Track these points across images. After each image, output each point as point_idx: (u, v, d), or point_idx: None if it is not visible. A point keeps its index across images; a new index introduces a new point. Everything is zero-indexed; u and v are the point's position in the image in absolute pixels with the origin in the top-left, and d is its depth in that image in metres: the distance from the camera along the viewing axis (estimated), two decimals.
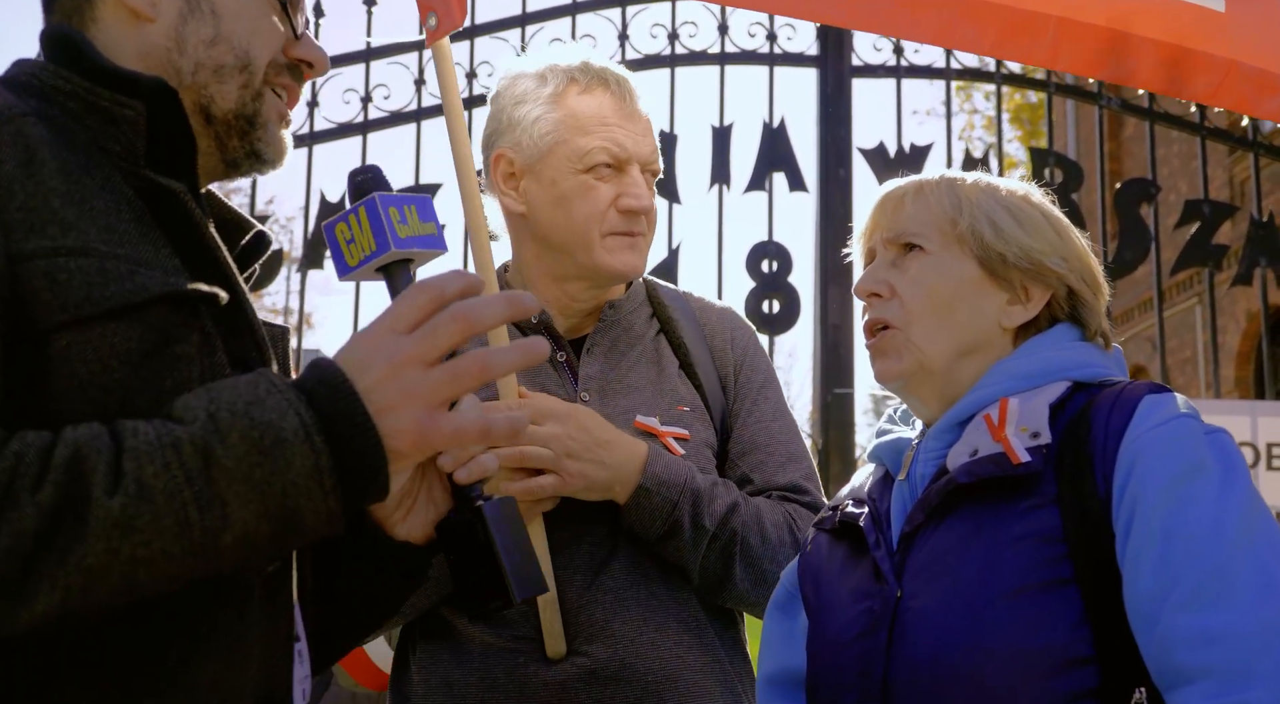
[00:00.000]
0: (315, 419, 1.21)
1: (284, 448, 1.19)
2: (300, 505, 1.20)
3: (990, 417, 1.67)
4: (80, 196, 1.29)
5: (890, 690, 1.62)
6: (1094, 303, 1.79)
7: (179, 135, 1.43)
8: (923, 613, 1.62)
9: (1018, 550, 1.57)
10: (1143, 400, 1.61)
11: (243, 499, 1.18)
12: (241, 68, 1.49)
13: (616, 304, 2.26)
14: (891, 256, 1.81)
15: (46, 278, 1.23)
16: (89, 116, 1.38)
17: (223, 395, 1.21)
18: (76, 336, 1.23)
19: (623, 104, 2.17)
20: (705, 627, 2.12)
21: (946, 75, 4.89)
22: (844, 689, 1.68)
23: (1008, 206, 1.79)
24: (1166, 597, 1.48)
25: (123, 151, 1.38)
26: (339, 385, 1.24)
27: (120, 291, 1.26)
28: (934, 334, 1.75)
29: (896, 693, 1.61)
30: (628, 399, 2.18)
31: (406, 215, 1.51)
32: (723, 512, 2.08)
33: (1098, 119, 4.98)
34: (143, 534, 1.14)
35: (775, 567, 2.09)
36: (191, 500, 1.16)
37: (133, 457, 1.16)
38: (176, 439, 1.17)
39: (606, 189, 2.14)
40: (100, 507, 1.13)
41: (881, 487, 1.84)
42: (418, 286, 1.32)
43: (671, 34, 4.69)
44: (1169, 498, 1.52)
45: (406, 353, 1.26)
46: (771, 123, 4.67)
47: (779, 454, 2.24)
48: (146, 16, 1.46)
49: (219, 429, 1.18)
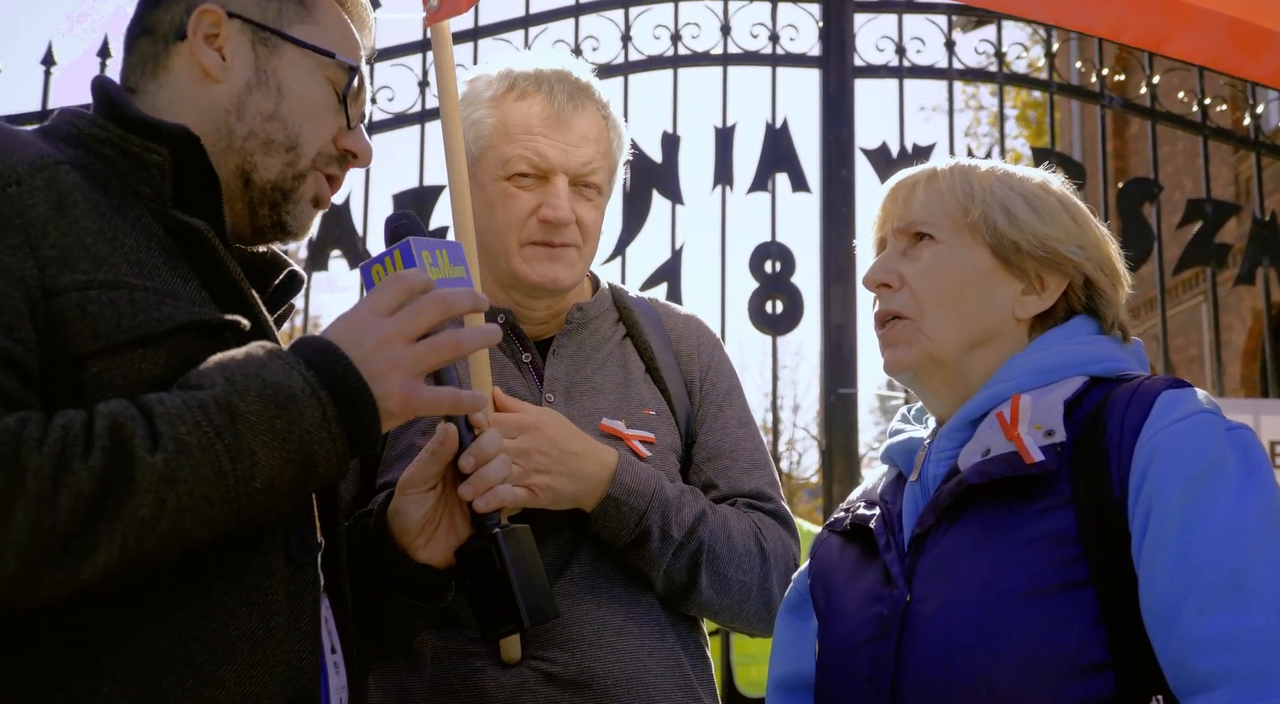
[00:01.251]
0: (316, 378, 1.37)
1: (295, 402, 1.34)
2: (314, 451, 1.36)
3: (1003, 414, 1.63)
4: (112, 234, 1.40)
5: (899, 697, 1.58)
6: (1112, 294, 1.75)
7: (203, 178, 1.51)
8: (932, 617, 1.59)
9: (1031, 552, 1.53)
10: (1161, 395, 1.56)
11: (268, 448, 1.33)
12: (289, 147, 1.60)
13: (583, 307, 2.24)
14: (902, 246, 1.77)
15: (79, 309, 1.34)
16: (122, 161, 1.48)
17: (233, 362, 1.36)
18: (107, 363, 1.35)
19: (556, 112, 2.13)
20: (667, 631, 2.10)
21: (949, 76, 4.88)
22: (852, 696, 1.65)
23: (1023, 194, 1.74)
24: (1184, 598, 1.43)
25: (152, 193, 1.48)
26: (332, 352, 1.41)
27: (147, 320, 1.37)
28: (945, 324, 1.71)
29: (905, 700, 1.57)
30: (593, 401, 2.16)
31: (438, 259, 1.63)
32: (690, 521, 2.06)
33: (1100, 118, 4.98)
34: (185, 484, 1.28)
35: (740, 575, 2.09)
36: (224, 452, 1.30)
37: (165, 419, 1.29)
38: (201, 401, 1.31)
39: (527, 198, 2.12)
40: (145, 463, 1.26)
41: (894, 488, 1.80)
42: (393, 279, 1.50)
43: (674, 35, 4.68)
44: (1187, 496, 1.47)
45: (391, 330, 1.44)
46: (774, 123, 4.66)
47: (743, 460, 2.23)
48: (215, 78, 1.58)
49: (237, 389, 1.33)
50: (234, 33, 1.59)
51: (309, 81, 1.62)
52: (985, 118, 18.36)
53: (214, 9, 1.58)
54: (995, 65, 4.95)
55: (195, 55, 1.58)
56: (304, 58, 1.62)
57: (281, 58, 1.61)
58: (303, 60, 1.62)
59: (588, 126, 2.16)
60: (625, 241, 4.56)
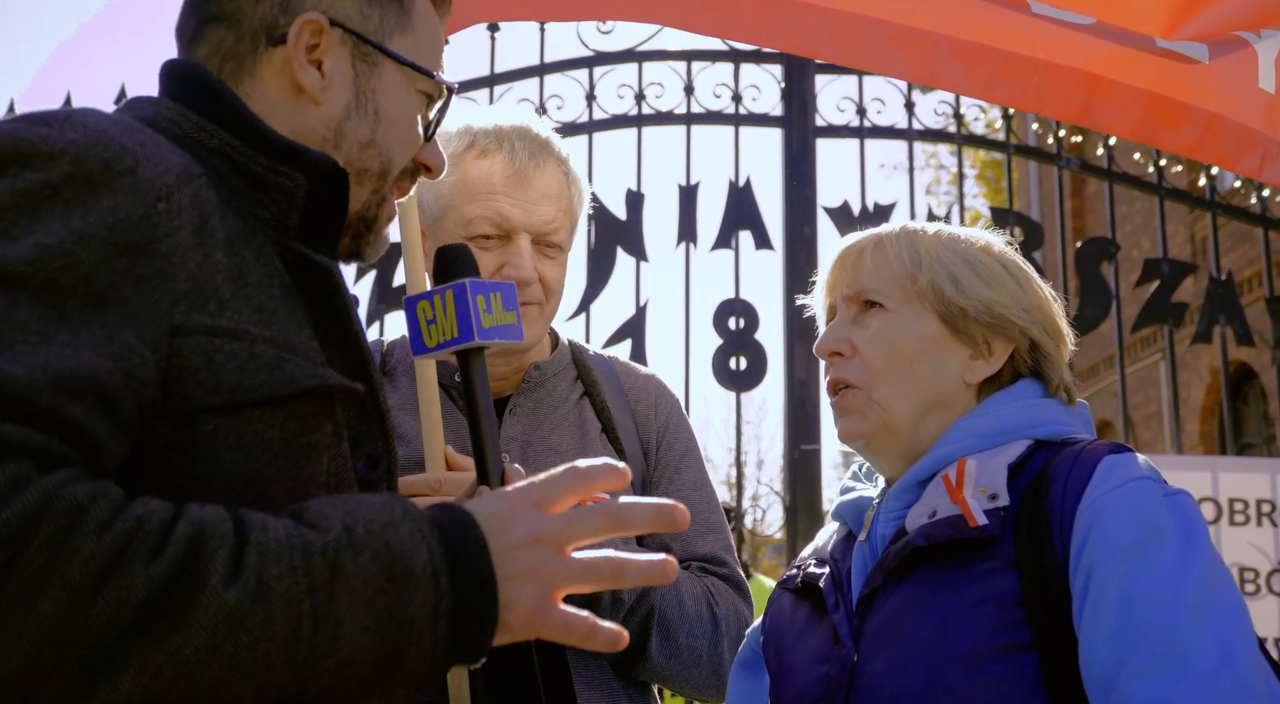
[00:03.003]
0: (445, 558, 1.13)
1: (410, 580, 1.11)
2: (408, 644, 1.12)
3: (949, 477, 1.64)
4: (239, 272, 1.24)
5: None
6: (1056, 356, 1.76)
7: (335, 213, 1.37)
8: (878, 678, 1.58)
9: (975, 614, 1.53)
10: (1102, 461, 1.56)
11: (360, 624, 1.09)
12: (380, 175, 1.45)
13: (541, 366, 2.22)
14: (852, 313, 1.78)
15: (205, 356, 1.18)
16: (235, 178, 1.32)
17: (360, 509, 1.14)
18: (224, 421, 1.18)
19: (516, 170, 2.10)
20: (619, 695, 2.08)
21: (909, 136, 4.94)
22: None
23: (967, 259, 1.76)
24: (1123, 664, 1.44)
25: (273, 220, 1.32)
26: (471, 532, 1.16)
27: (270, 380, 1.21)
28: (897, 392, 1.71)
29: None
30: (549, 461, 2.06)
31: (491, 303, 1.54)
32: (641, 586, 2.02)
33: (1057, 178, 5.05)
34: (250, 635, 1.05)
35: (691, 641, 2.06)
36: (310, 611, 1.07)
37: (258, 551, 1.07)
38: (308, 543, 1.09)
39: (490, 258, 2.10)
40: (214, 595, 1.04)
41: (844, 546, 1.80)
42: (570, 472, 1.24)
43: (638, 95, 4.72)
44: (1126, 563, 1.48)
45: (549, 531, 1.19)
46: (737, 182, 4.69)
47: (699, 524, 2.19)
48: (314, 99, 1.40)
49: (354, 543, 1.10)
50: (335, 45, 1.40)
51: (404, 102, 1.46)
52: (945, 176, 18.62)
53: (318, 18, 1.38)
54: (954, 126, 5.03)
55: (293, 70, 1.38)
56: (401, 75, 1.45)
57: (381, 77, 1.44)
58: (400, 78, 1.45)
59: (549, 184, 2.14)
60: (590, 298, 4.57)
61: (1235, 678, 1.41)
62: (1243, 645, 1.45)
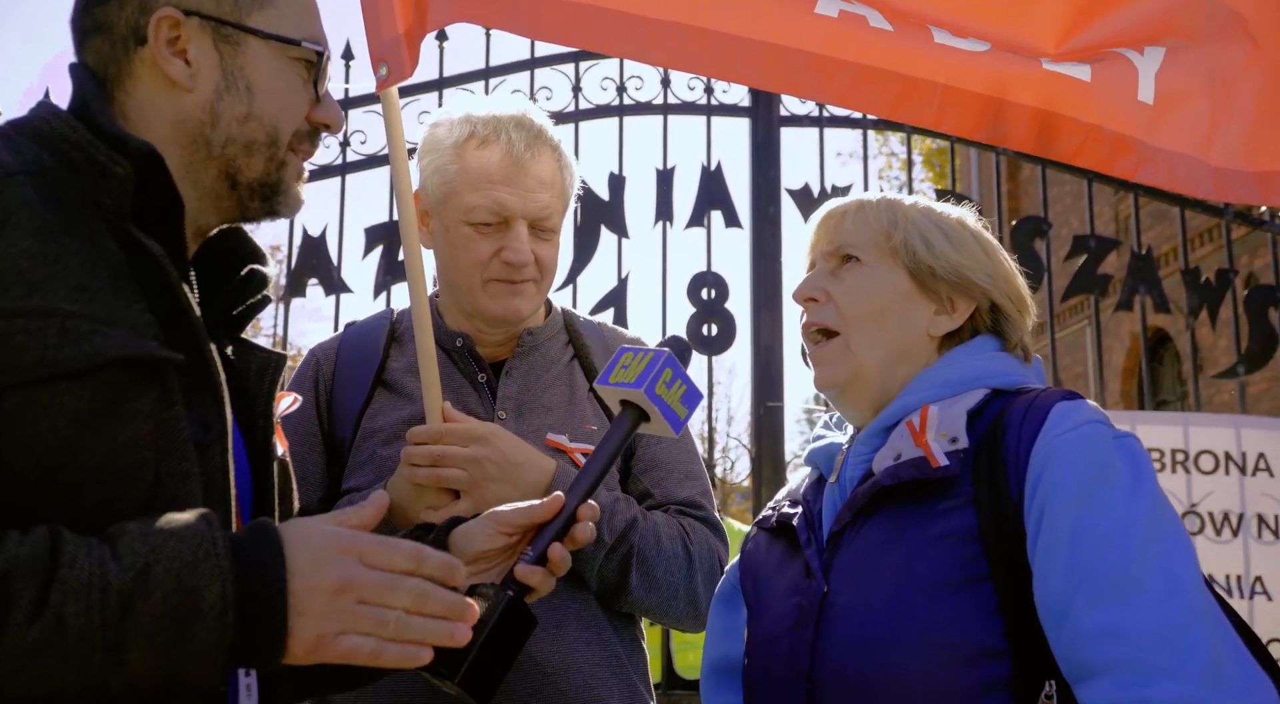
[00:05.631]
0: (236, 596, 1.15)
1: (197, 620, 1.14)
2: (188, 670, 1.15)
3: (912, 423, 1.62)
4: (55, 255, 1.22)
5: (816, 681, 1.56)
6: (1018, 319, 1.75)
7: (166, 196, 1.35)
8: (846, 608, 1.57)
9: (936, 548, 1.51)
10: (1055, 406, 1.54)
11: (143, 654, 1.13)
12: (270, 143, 1.43)
13: (535, 331, 2.20)
14: (830, 267, 1.76)
15: (4, 338, 1.16)
16: (88, 168, 1.30)
17: (167, 546, 1.15)
18: (26, 396, 1.17)
19: (514, 160, 2.08)
20: (604, 625, 2.07)
21: (864, 125, 4.90)
22: (775, 679, 1.63)
23: (940, 225, 1.75)
24: (1075, 594, 1.42)
25: (112, 206, 1.30)
26: (273, 572, 1.18)
27: (74, 355, 1.19)
28: (869, 342, 1.69)
29: (823, 683, 1.56)
30: (541, 418, 2.13)
31: (673, 385, 1.58)
32: (622, 526, 2.02)
33: (995, 164, 5.04)
34: (47, 661, 1.10)
35: (668, 575, 2.05)
36: (100, 644, 1.11)
37: (61, 589, 1.10)
38: (106, 584, 1.12)
39: (489, 242, 2.08)
40: (16, 632, 1.08)
41: (816, 488, 1.78)
42: (407, 548, 1.25)
43: (620, 87, 4.66)
44: (1079, 500, 1.46)
45: (358, 582, 1.20)
46: (709, 166, 4.65)
47: (678, 472, 2.19)
48: (184, 87, 1.39)
49: (148, 584, 1.13)
50: (194, 33, 1.39)
51: (277, 72, 1.43)
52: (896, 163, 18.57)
53: (171, 13, 1.38)
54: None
55: (160, 65, 1.38)
56: (269, 49, 1.43)
57: (246, 53, 1.41)
58: (267, 51, 1.43)
59: (544, 171, 2.11)
60: (576, 271, 4.53)
61: (1182, 604, 1.39)
62: (1190, 575, 1.43)
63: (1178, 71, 2.53)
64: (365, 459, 2.07)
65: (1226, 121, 2.52)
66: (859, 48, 2.39)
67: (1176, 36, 2.57)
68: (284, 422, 2.13)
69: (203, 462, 1.30)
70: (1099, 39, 2.54)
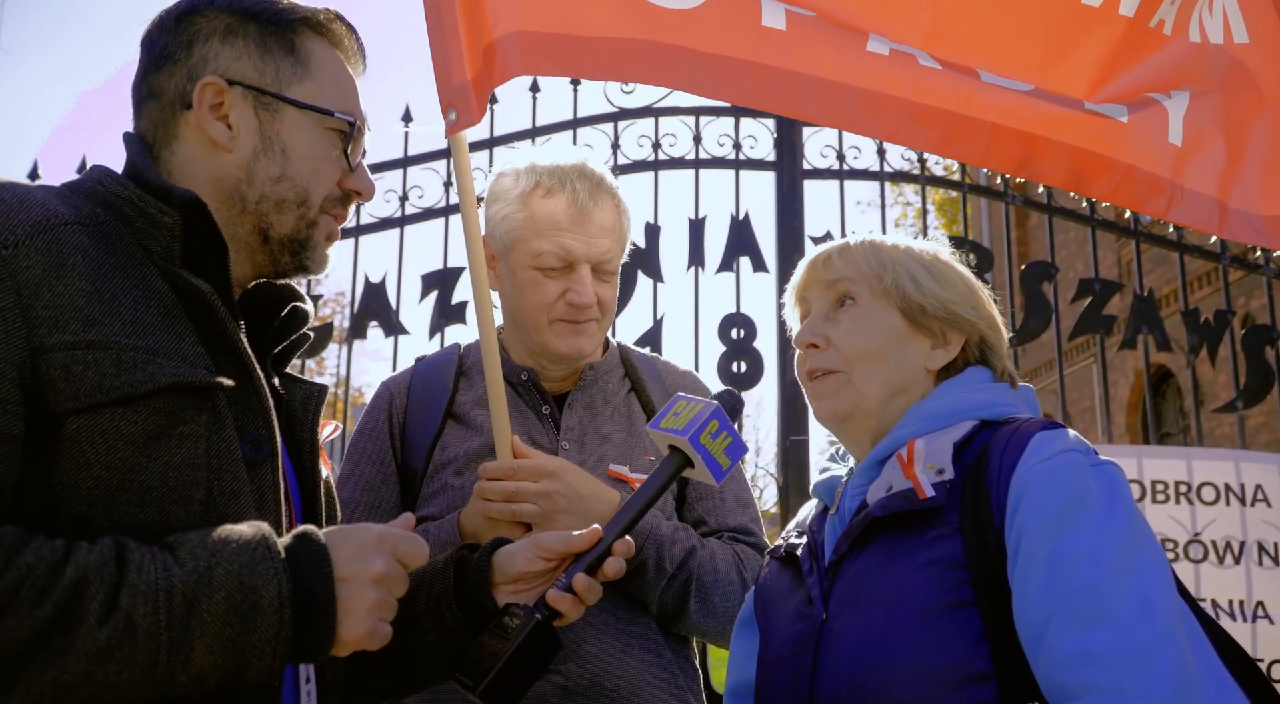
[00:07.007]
0: (292, 593, 1.19)
1: (257, 615, 1.17)
2: (250, 663, 1.17)
3: (902, 456, 1.59)
4: (110, 295, 1.25)
5: (816, 703, 1.53)
6: (1000, 347, 1.72)
7: (211, 240, 1.37)
8: (842, 634, 1.54)
9: (924, 576, 1.48)
10: (1034, 436, 1.51)
11: (208, 650, 1.15)
12: (300, 203, 1.46)
13: (595, 366, 2.20)
14: (825, 309, 1.73)
15: (63, 369, 1.18)
16: (139, 220, 1.34)
17: (226, 549, 1.18)
18: (85, 421, 1.19)
19: (578, 209, 2.08)
20: (663, 648, 2.06)
21: (881, 177, 4.90)
22: (779, 701, 1.60)
23: (924, 264, 1.72)
24: (1050, 618, 1.37)
25: (162, 252, 1.33)
26: (323, 569, 1.22)
27: (129, 381, 1.21)
28: (869, 377, 1.67)
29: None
30: (602, 449, 2.12)
31: (719, 436, 1.57)
32: (682, 555, 2.01)
33: (1005, 212, 5.06)
34: (117, 664, 1.11)
35: (724, 601, 2.04)
36: (167, 643, 1.13)
37: (130, 593, 1.12)
38: (172, 586, 1.14)
39: (555, 285, 2.08)
40: (89, 634, 1.10)
41: (820, 519, 1.77)
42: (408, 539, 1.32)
43: (655, 144, 4.70)
44: (1053, 526, 1.41)
45: (392, 575, 1.28)
46: (738, 216, 4.68)
47: (730, 500, 2.18)
48: (225, 147, 1.43)
49: (210, 583, 1.15)
50: (237, 100, 1.43)
51: (311, 139, 1.47)
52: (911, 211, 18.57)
53: (215, 80, 1.43)
54: (918, 169, 5.01)
55: (203, 127, 1.43)
56: (305, 117, 1.46)
57: (284, 120, 1.45)
58: (303, 119, 1.47)
59: (605, 218, 2.12)
60: (616, 312, 4.58)
61: (1154, 628, 1.34)
62: (1162, 597, 1.38)
63: (1201, 115, 2.49)
64: (438, 489, 2.08)
65: (1240, 165, 2.48)
66: (911, 85, 2.34)
67: (1195, 83, 2.53)
68: (360, 452, 2.17)
69: (254, 480, 1.33)
70: (1131, 86, 2.50)
